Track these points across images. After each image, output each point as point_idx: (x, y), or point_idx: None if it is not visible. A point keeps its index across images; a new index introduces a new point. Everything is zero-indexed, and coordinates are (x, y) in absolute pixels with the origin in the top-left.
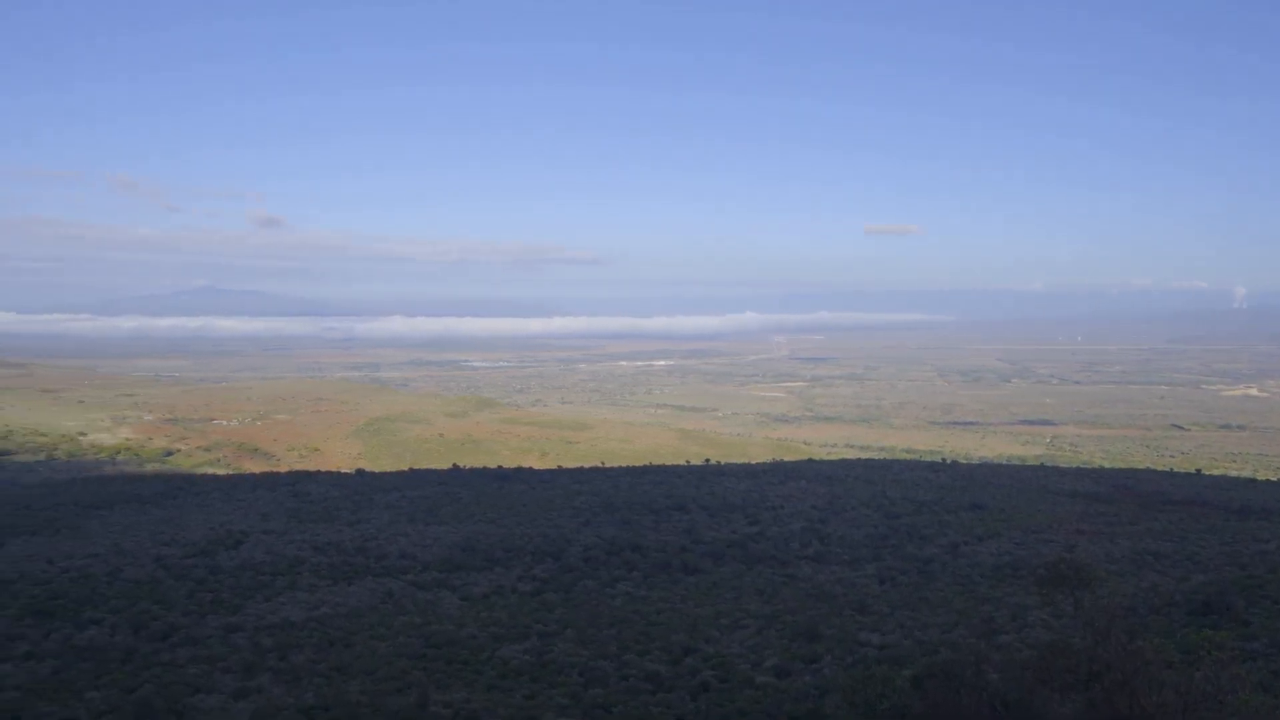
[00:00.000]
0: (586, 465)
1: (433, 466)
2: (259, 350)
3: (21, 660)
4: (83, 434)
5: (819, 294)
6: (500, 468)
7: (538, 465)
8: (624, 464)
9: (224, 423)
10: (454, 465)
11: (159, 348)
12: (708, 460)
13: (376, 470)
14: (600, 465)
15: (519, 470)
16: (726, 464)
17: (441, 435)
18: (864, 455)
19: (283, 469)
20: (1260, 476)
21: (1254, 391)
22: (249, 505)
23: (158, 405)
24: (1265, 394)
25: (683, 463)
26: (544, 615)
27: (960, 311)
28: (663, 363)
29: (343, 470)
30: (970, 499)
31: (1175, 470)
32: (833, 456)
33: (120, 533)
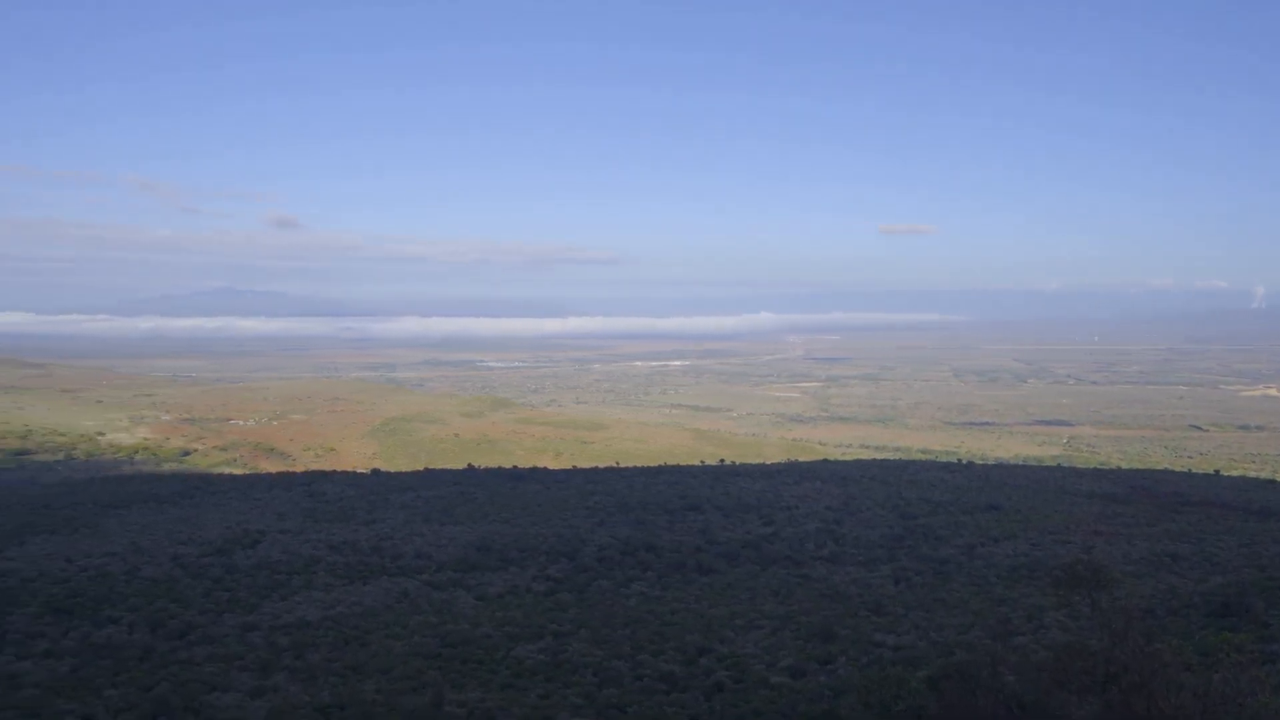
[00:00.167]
0: (601, 465)
1: (448, 466)
2: (275, 350)
3: (41, 658)
4: (101, 434)
5: (834, 294)
6: (515, 468)
7: (552, 465)
8: (639, 464)
9: (241, 423)
10: (469, 465)
11: (176, 348)
12: (722, 460)
13: (392, 470)
14: (615, 465)
15: (534, 470)
16: (741, 464)
17: (457, 435)
18: (879, 456)
19: (299, 469)
20: None
21: (1273, 392)
22: (265, 505)
23: (175, 405)
24: None
25: (697, 463)
26: (558, 615)
27: (976, 311)
28: (677, 363)
29: (358, 470)
30: (986, 500)
31: (1193, 471)
32: (848, 457)
33: (138, 532)
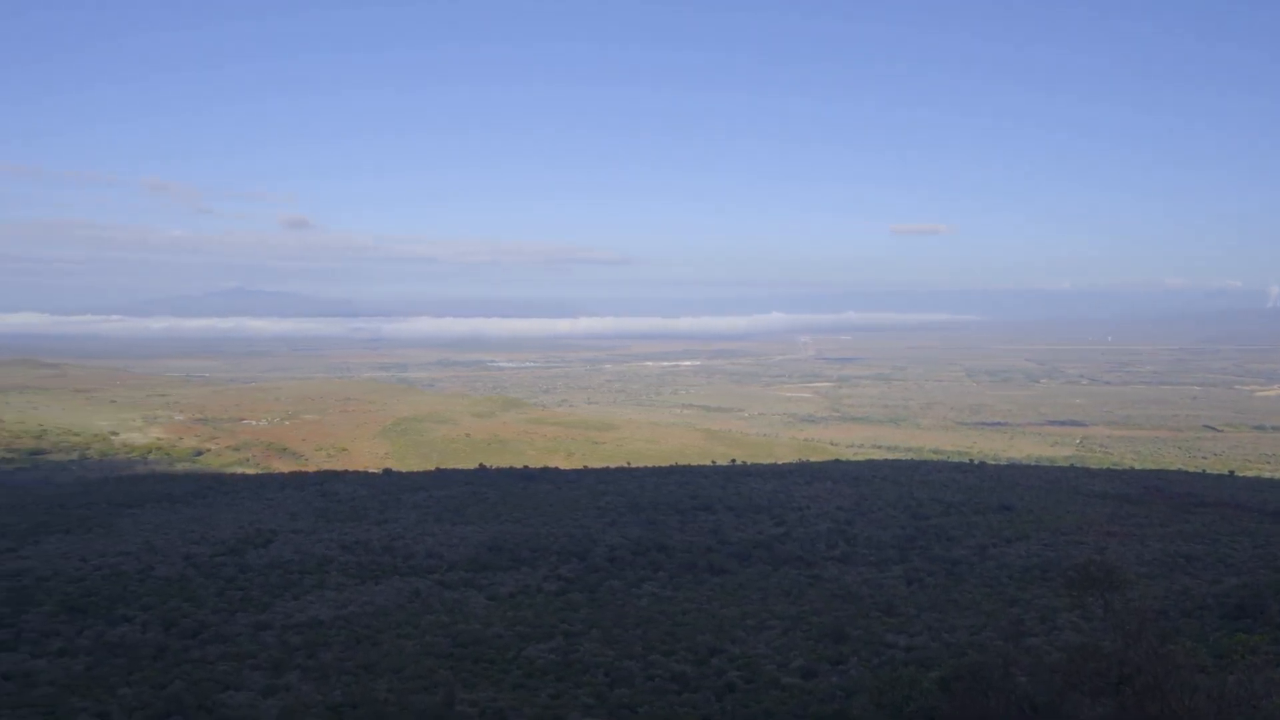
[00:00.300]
0: (612, 465)
1: (459, 466)
2: (288, 350)
3: (56, 656)
4: (115, 433)
5: (846, 294)
6: (526, 468)
7: (564, 465)
8: (650, 464)
9: (253, 423)
10: (480, 465)
11: (189, 348)
12: (734, 461)
13: (404, 470)
14: (626, 465)
15: (545, 470)
16: (752, 464)
17: (468, 435)
18: (891, 456)
19: (311, 469)
20: None
21: None
22: (278, 504)
23: (188, 405)
24: None
25: (709, 463)
26: (570, 615)
27: (989, 312)
28: (689, 363)
29: (370, 470)
30: (999, 500)
31: (1208, 472)
32: (859, 457)
33: (151, 531)
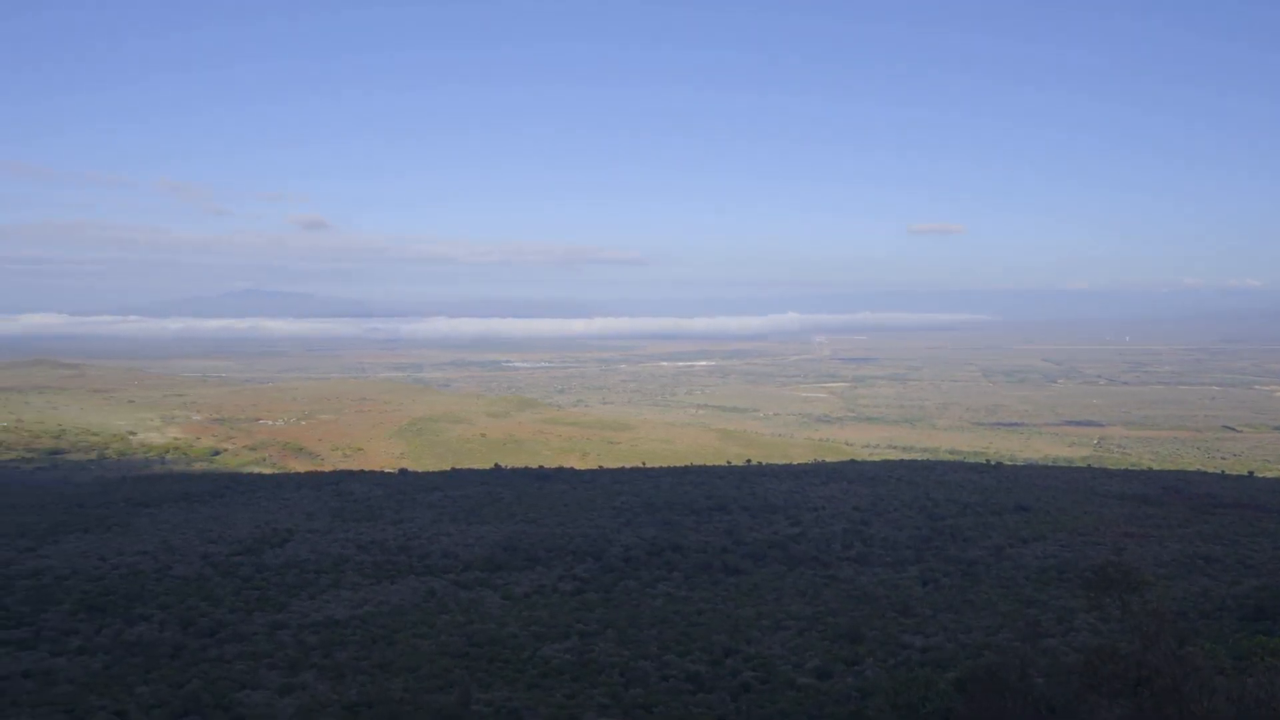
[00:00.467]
0: (627, 465)
1: (475, 466)
2: (304, 351)
3: (75, 655)
4: (133, 433)
5: (862, 294)
6: (541, 468)
7: (579, 465)
8: (665, 464)
9: (270, 422)
10: (496, 465)
11: (206, 349)
12: (749, 461)
13: (419, 470)
14: (641, 465)
15: (560, 470)
16: (768, 465)
17: (483, 435)
18: (907, 456)
19: (327, 468)
20: None
21: None
22: (294, 504)
23: (205, 405)
24: None
25: (724, 463)
26: (585, 615)
27: (1005, 311)
28: (704, 363)
29: (386, 470)
30: (1015, 501)
31: (1227, 473)
32: (875, 457)
33: (169, 530)
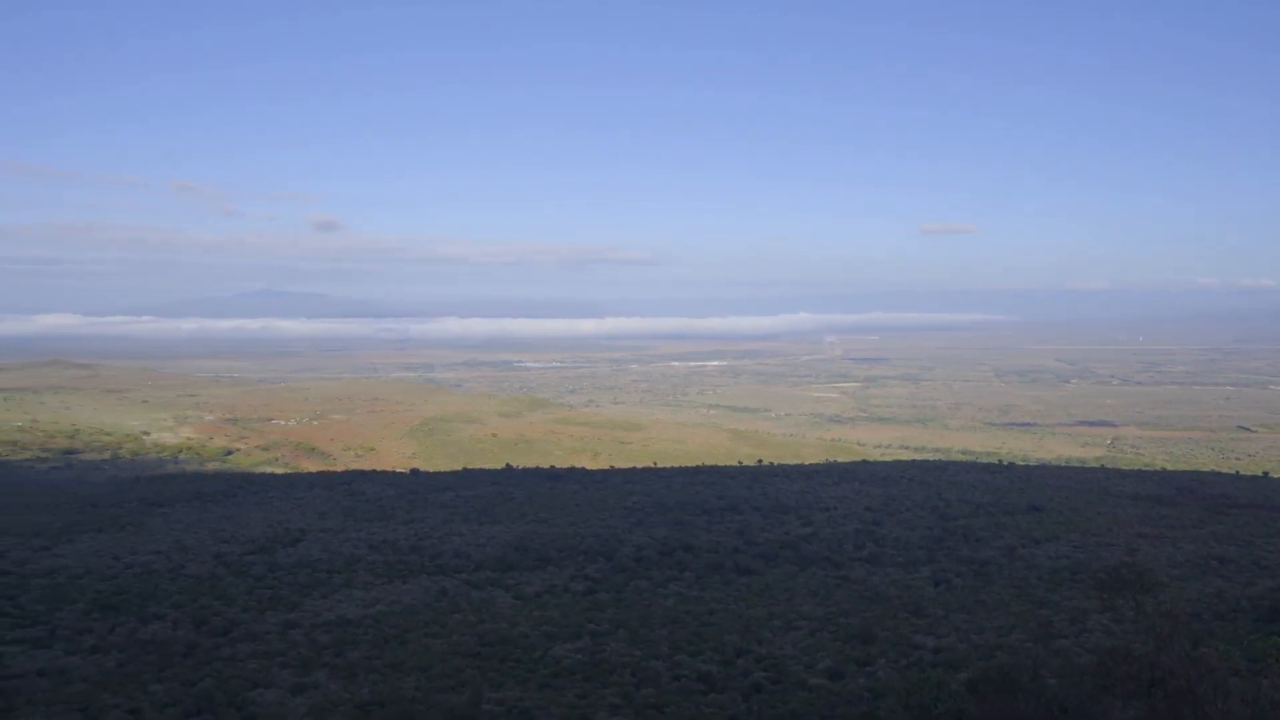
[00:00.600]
0: (639, 465)
1: (486, 466)
2: (316, 351)
3: (89, 653)
4: (146, 433)
5: (874, 294)
6: (553, 468)
7: (590, 465)
8: (676, 464)
9: (282, 422)
10: (507, 465)
11: (219, 349)
12: (760, 461)
13: (431, 470)
14: (653, 465)
15: (572, 470)
16: (779, 465)
17: (495, 435)
18: (919, 456)
19: (339, 468)
20: None
21: None
22: (306, 504)
23: (218, 405)
24: None
25: (735, 463)
26: (596, 615)
27: (1018, 311)
28: (715, 363)
29: (398, 470)
30: (1028, 501)
31: (1241, 473)
32: (887, 458)
33: (182, 530)
